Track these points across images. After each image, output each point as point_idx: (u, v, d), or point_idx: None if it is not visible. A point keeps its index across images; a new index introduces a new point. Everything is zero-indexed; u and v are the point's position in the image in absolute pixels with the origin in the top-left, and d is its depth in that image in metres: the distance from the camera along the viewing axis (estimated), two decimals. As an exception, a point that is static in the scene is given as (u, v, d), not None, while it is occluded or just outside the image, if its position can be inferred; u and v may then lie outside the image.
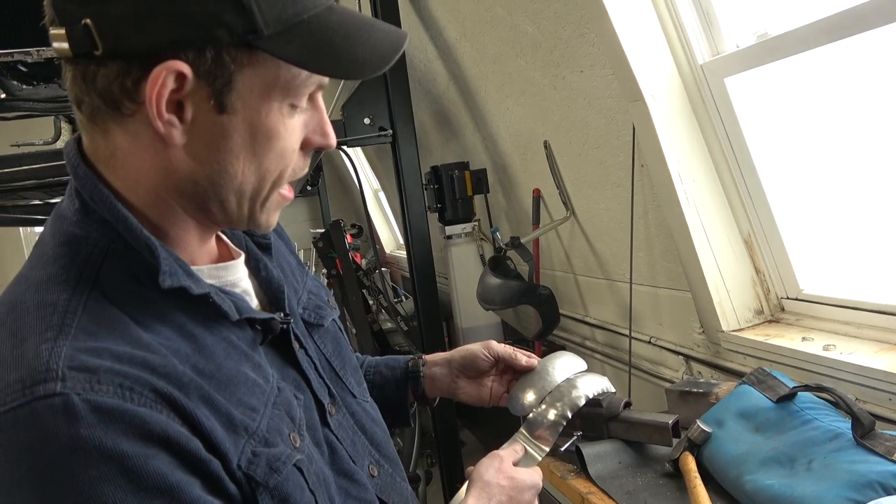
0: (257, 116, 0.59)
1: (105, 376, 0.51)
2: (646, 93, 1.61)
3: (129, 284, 0.59)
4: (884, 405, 1.28)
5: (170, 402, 0.54)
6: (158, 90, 0.55)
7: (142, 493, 0.50)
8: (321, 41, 0.58)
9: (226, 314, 0.63)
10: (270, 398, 0.64)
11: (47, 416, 0.48)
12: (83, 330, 0.54)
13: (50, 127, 3.54)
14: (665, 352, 2.02)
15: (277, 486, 0.60)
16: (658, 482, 1.30)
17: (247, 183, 0.62)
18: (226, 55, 0.56)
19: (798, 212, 1.61)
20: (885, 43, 1.24)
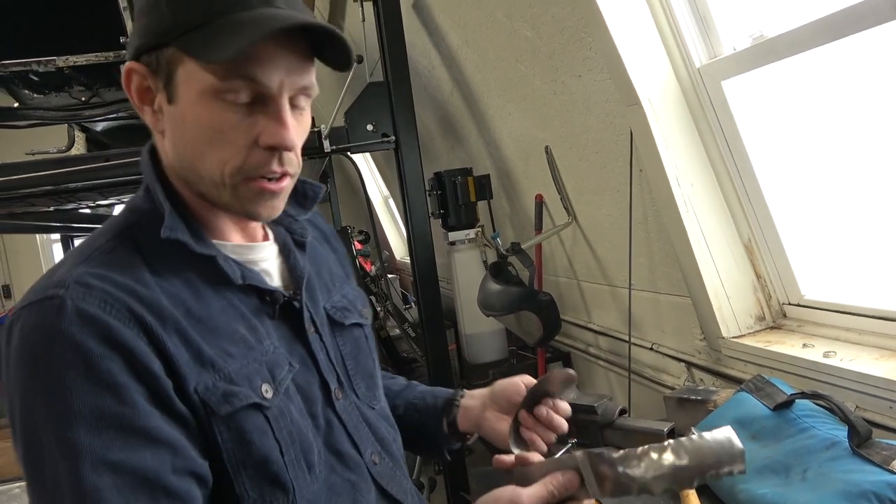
0: (195, 107, 0.71)
1: (95, 292, 0.67)
2: (642, 97, 1.60)
3: (157, 244, 0.74)
4: (884, 413, 1.26)
5: (141, 323, 0.68)
6: (126, 84, 0.74)
7: (93, 383, 0.64)
8: (212, 35, 0.68)
9: (229, 277, 0.76)
10: (255, 354, 0.75)
11: (47, 310, 0.66)
12: (101, 263, 0.71)
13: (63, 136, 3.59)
14: (667, 358, 2.00)
15: (231, 418, 0.71)
16: (652, 491, 1.28)
17: (207, 169, 0.73)
18: (163, 54, 0.71)
19: (799, 216, 1.58)
20: (884, 43, 1.22)
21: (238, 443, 0.71)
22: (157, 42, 0.71)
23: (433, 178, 2.87)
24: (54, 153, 3.53)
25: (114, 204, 4.36)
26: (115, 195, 3.50)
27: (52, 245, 7.37)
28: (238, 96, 0.70)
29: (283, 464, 0.74)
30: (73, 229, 5.72)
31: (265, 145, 0.72)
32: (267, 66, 0.70)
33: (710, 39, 1.56)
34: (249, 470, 0.72)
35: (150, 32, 0.71)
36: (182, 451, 0.67)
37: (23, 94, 2.96)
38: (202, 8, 0.69)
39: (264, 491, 0.73)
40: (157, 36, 0.70)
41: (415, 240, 2.55)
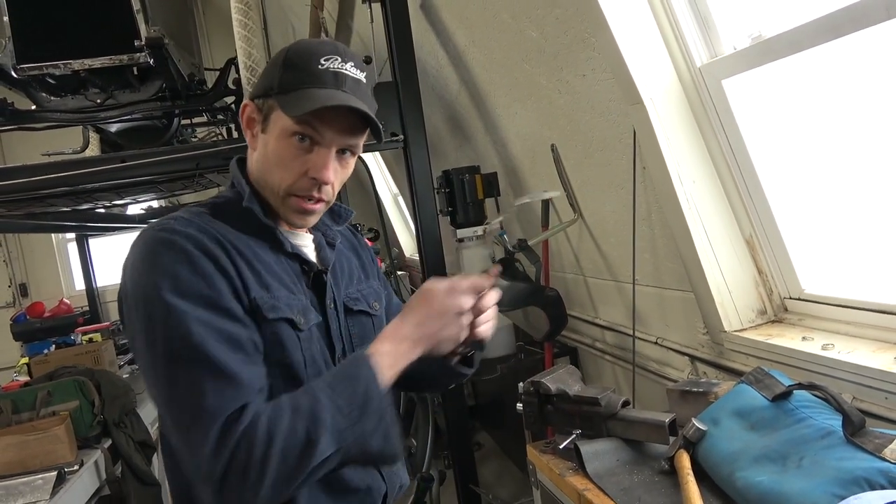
0: (274, 140, 1.05)
1: (194, 225, 1.00)
2: (645, 96, 1.63)
3: (233, 217, 1.06)
4: (880, 403, 1.29)
5: (223, 247, 0.99)
6: (242, 114, 1.10)
7: (194, 273, 0.95)
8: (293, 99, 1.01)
9: (282, 245, 1.08)
10: (295, 296, 1.05)
11: (163, 230, 0.98)
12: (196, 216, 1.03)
13: (77, 137, 3.66)
14: (671, 352, 2.03)
15: (274, 324, 1.00)
16: (654, 479, 1.32)
17: (272, 181, 1.06)
18: (266, 101, 1.05)
19: (799, 212, 1.61)
20: (882, 41, 1.25)
21: (274, 345, 1.00)
22: (267, 93, 1.05)
23: (441, 176, 2.91)
24: (70, 154, 3.60)
25: (129, 203, 4.44)
26: (131, 195, 3.57)
27: (66, 244, 7.48)
28: (302, 139, 1.03)
29: (305, 373, 1.02)
30: (88, 229, 5.81)
31: (310, 176, 1.04)
32: (324, 125, 1.03)
33: (710, 39, 1.59)
34: (281, 368, 1.00)
35: (264, 86, 1.05)
36: (250, 326, 0.97)
37: (40, 96, 3.03)
38: (297, 80, 1.03)
39: (286, 386, 0.98)
40: (268, 89, 1.04)
41: (424, 237, 2.60)
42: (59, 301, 6.50)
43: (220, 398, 0.90)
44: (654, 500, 1.24)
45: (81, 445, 2.29)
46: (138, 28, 2.66)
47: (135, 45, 2.65)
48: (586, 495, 1.30)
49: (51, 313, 6.27)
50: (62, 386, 2.35)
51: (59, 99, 3.03)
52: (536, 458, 1.54)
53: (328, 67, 1.03)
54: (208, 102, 3.21)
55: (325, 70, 1.02)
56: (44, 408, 2.30)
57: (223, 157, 2.66)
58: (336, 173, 1.06)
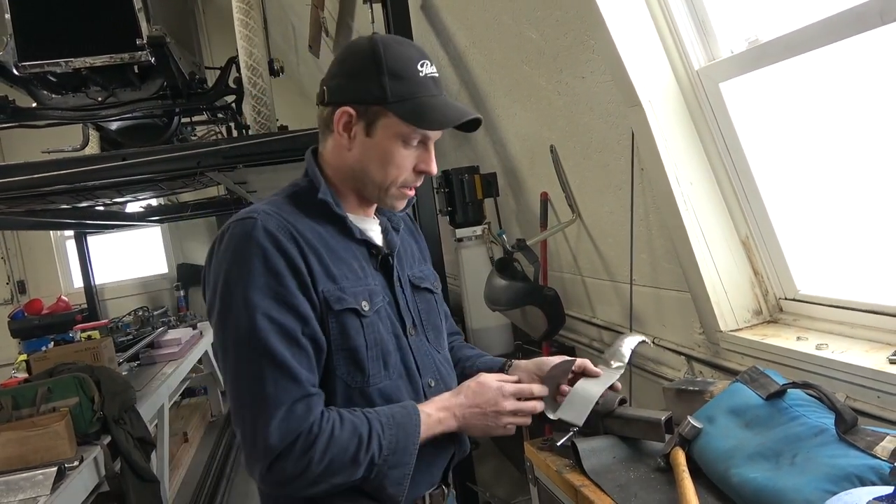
0: (384, 143, 1.13)
1: (273, 218, 1.09)
2: (643, 98, 1.65)
3: (308, 205, 1.16)
4: (872, 402, 1.31)
5: (297, 243, 1.09)
6: (338, 119, 1.14)
7: (267, 268, 1.06)
8: (418, 110, 1.10)
9: (352, 233, 1.18)
10: (362, 283, 1.16)
11: (246, 224, 1.08)
12: (276, 207, 1.13)
13: (77, 135, 3.67)
14: (668, 352, 2.05)
15: (340, 314, 1.11)
16: (650, 476, 1.33)
17: (376, 178, 1.16)
18: (371, 108, 1.11)
19: (794, 214, 1.63)
20: (873, 46, 1.27)
21: (340, 333, 1.11)
22: (372, 100, 1.10)
23: (441, 176, 2.93)
24: (69, 151, 3.61)
25: (128, 201, 4.45)
26: (131, 193, 3.58)
27: (65, 242, 7.48)
28: (415, 142, 1.14)
29: (366, 355, 1.13)
30: (87, 226, 5.82)
31: (419, 170, 1.17)
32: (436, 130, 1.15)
33: (708, 43, 1.61)
34: (344, 353, 1.11)
35: (366, 92, 1.11)
36: (310, 323, 1.08)
37: (41, 94, 3.04)
38: (408, 90, 1.10)
39: (349, 370, 1.12)
40: (375, 98, 1.10)
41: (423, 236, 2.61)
42: (58, 298, 6.50)
43: (278, 388, 1.03)
44: (651, 496, 1.26)
45: (81, 442, 2.31)
46: (139, 26, 2.68)
47: (136, 43, 2.67)
48: (583, 492, 1.32)
49: (49, 310, 6.27)
50: (62, 382, 2.37)
51: (60, 97, 3.04)
52: (534, 455, 1.56)
53: (427, 74, 1.12)
54: (209, 101, 3.22)
55: (426, 77, 1.12)
56: (44, 404, 2.32)
57: (223, 156, 2.67)
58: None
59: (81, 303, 6.73)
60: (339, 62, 1.16)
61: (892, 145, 1.37)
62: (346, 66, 1.14)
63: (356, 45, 1.15)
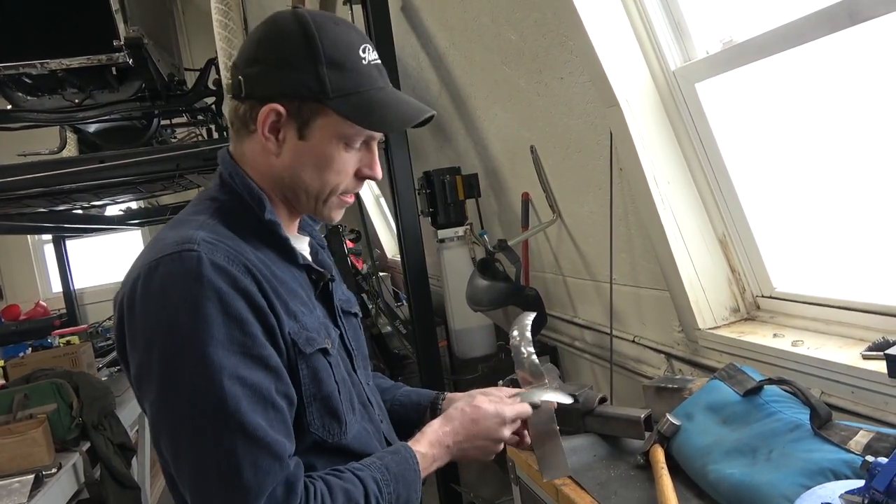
0: (322, 146, 0.95)
1: (220, 249, 0.87)
2: (621, 98, 1.67)
3: (240, 226, 0.94)
4: (846, 397, 1.33)
5: (253, 277, 0.88)
6: (263, 119, 0.93)
7: (227, 317, 0.83)
8: (365, 107, 0.93)
9: (296, 257, 0.99)
10: (315, 315, 0.98)
11: (187, 259, 0.84)
12: (213, 231, 0.90)
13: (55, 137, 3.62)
14: (648, 350, 2.07)
15: (311, 357, 0.93)
16: (630, 474, 1.35)
17: (311, 187, 0.97)
18: (307, 105, 0.92)
19: (770, 212, 1.65)
20: (846, 47, 1.29)
21: (313, 379, 0.93)
22: (304, 95, 0.92)
23: (422, 178, 2.93)
24: (46, 154, 3.56)
25: (107, 204, 4.40)
26: (109, 196, 3.54)
27: (43, 246, 7.38)
28: (358, 143, 0.97)
29: (339, 401, 0.96)
30: (65, 230, 5.74)
31: (362, 176, 1.00)
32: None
33: (684, 44, 1.63)
34: (318, 403, 0.93)
35: (299, 86, 0.91)
36: (283, 377, 0.88)
37: (16, 96, 2.99)
38: (351, 82, 0.93)
39: (325, 421, 0.94)
40: (309, 92, 0.91)
41: (405, 238, 2.61)
42: (36, 303, 6.42)
43: (257, 472, 0.82)
44: (630, 493, 1.27)
45: (60, 448, 2.27)
46: (117, 28, 2.65)
47: (113, 44, 2.64)
48: (564, 490, 1.33)
49: (27, 316, 6.19)
50: (39, 388, 2.33)
51: (37, 98, 2.99)
52: (516, 455, 1.56)
53: (371, 62, 0.95)
54: (188, 103, 3.19)
55: (370, 66, 0.95)
56: (21, 410, 2.28)
57: (203, 158, 2.65)
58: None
59: (60, 308, 6.64)
60: (259, 43, 0.95)
61: (865, 144, 1.40)
62: (269, 49, 0.93)
63: (280, 24, 0.94)
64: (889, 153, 1.35)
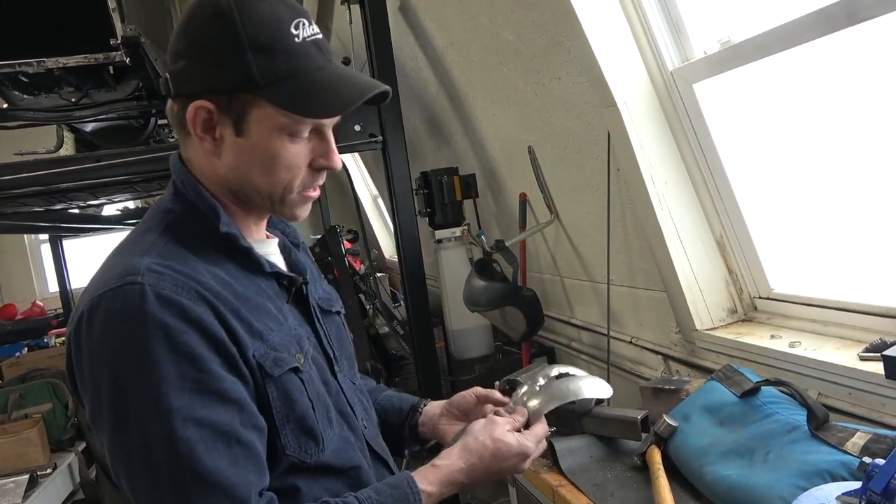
0: (263, 142, 0.85)
1: (167, 278, 0.79)
2: (618, 99, 1.66)
3: (196, 240, 0.87)
4: (844, 399, 1.33)
5: (208, 302, 0.81)
6: (193, 118, 0.85)
7: (176, 353, 0.77)
8: (302, 92, 0.83)
9: (261, 266, 0.91)
10: (286, 329, 0.90)
11: (129, 294, 0.78)
12: (160, 255, 0.83)
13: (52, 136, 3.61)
14: (645, 351, 2.06)
15: (280, 379, 0.86)
16: (626, 475, 1.34)
17: (261, 187, 0.89)
18: (237, 98, 0.83)
19: (767, 213, 1.65)
20: (842, 48, 1.29)
21: (284, 400, 0.86)
22: (232, 86, 0.83)
23: (420, 178, 2.93)
24: (43, 153, 3.55)
25: (104, 204, 4.38)
26: (106, 195, 3.53)
27: (40, 245, 7.35)
28: (305, 132, 0.87)
29: (315, 418, 0.89)
30: (62, 229, 5.73)
31: (318, 167, 0.90)
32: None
33: (682, 44, 1.63)
34: (292, 424, 0.87)
35: (224, 77, 0.83)
36: (247, 407, 0.82)
37: (12, 95, 2.98)
38: (283, 65, 0.82)
39: (301, 441, 0.88)
40: (236, 82, 0.82)
41: (402, 238, 2.61)
42: (32, 303, 6.39)
43: None
44: (627, 495, 1.27)
45: (55, 448, 2.27)
46: (114, 26, 2.64)
47: (110, 43, 2.63)
48: (560, 491, 1.32)
49: (23, 315, 6.16)
50: (35, 388, 2.33)
51: (33, 97, 2.98)
52: (512, 455, 1.56)
53: (307, 38, 0.84)
54: (185, 102, 3.18)
55: (305, 43, 0.84)
56: (16, 410, 2.27)
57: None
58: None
59: (57, 307, 6.61)
60: (180, 35, 0.86)
61: (862, 145, 1.40)
62: (190, 41, 0.84)
63: (199, 10, 0.84)
64: (887, 154, 1.34)
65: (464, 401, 1.14)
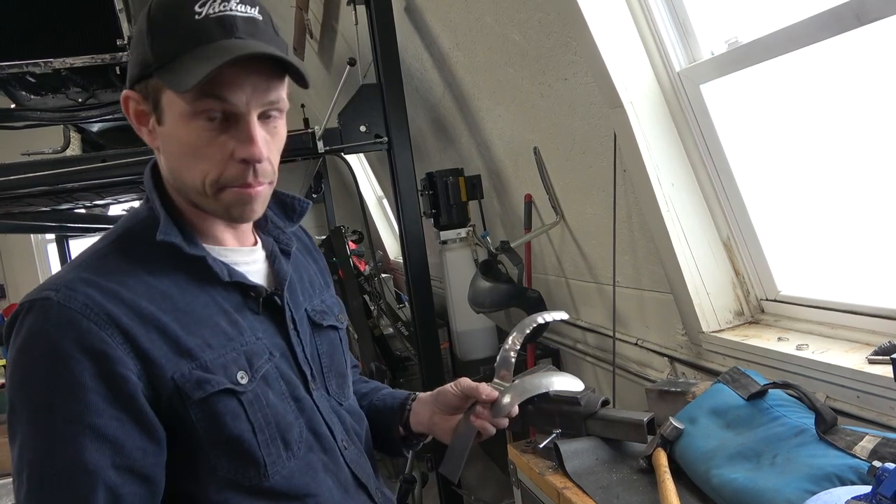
0: (175, 129, 0.82)
1: (79, 296, 0.77)
2: (625, 100, 1.66)
3: (148, 249, 0.84)
4: (852, 402, 1.32)
5: (118, 325, 0.77)
6: (125, 108, 0.86)
7: (55, 379, 0.74)
8: (182, 68, 0.78)
9: (217, 276, 0.86)
10: (234, 344, 0.86)
11: (38, 308, 0.77)
12: (93, 268, 0.81)
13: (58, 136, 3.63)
14: (651, 353, 2.05)
15: (204, 402, 0.81)
16: (632, 477, 1.33)
17: (191, 180, 0.84)
18: (150, 83, 0.82)
19: (775, 215, 1.64)
20: (850, 49, 1.28)
21: (211, 423, 0.82)
22: (144, 73, 0.82)
23: (425, 179, 2.92)
24: (50, 153, 3.57)
25: (110, 204, 4.40)
26: (112, 195, 3.54)
27: (46, 245, 7.39)
28: (211, 115, 0.80)
29: (256, 442, 0.85)
30: (68, 229, 5.75)
31: (238, 159, 0.82)
32: (232, 87, 0.79)
33: (689, 44, 1.62)
34: (223, 446, 0.83)
35: (138, 64, 0.82)
36: (125, 450, 0.77)
37: (20, 95, 3.00)
38: (174, 44, 0.79)
39: (237, 465, 0.84)
40: (144, 67, 0.81)
41: (407, 239, 2.61)
42: (38, 303, 6.40)
43: None
44: (632, 497, 1.26)
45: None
46: (120, 27, 2.65)
47: (117, 44, 2.64)
48: (566, 494, 1.32)
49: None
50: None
51: (40, 97, 3.00)
52: (517, 457, 1.55)
53: (207, 14, 0.78)
54: (191, 103, 3.19)
55: (204, 19, 0.78)
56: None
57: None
58: (267, 144, 0.84)
59: (63, 307, 6.64)
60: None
61: (871, 147, 1.39)
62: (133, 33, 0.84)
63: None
64: (894, 155, 1.33)
65: (448, 397, 1.09)
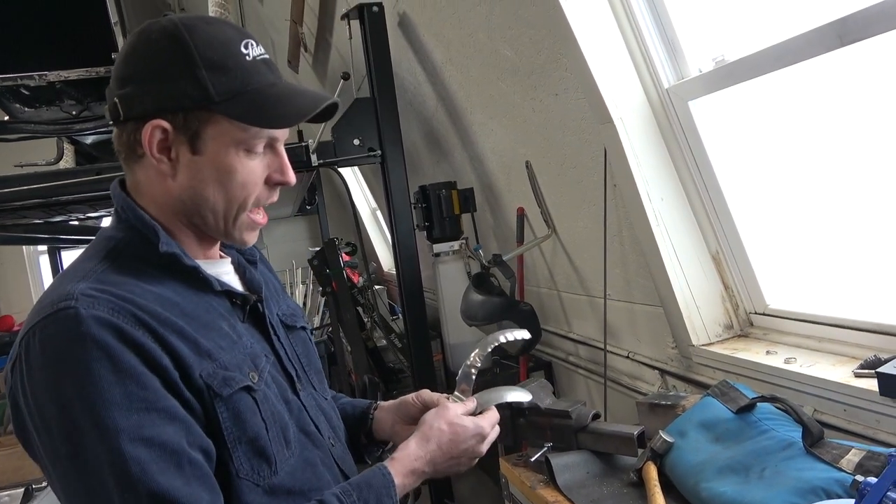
0: (220, 158, 0.88)
1: (102, 301, 0.79)
2: (614, 115, 1.68)
3: (139, 264, 0.88)
4: (839, 415, 1.33)
5: (145, 325, 0.80)
6: (149, 139, 0.86)
7: (118, 373, 0.76)
8: (258, 105, 0.87)
9: (210, 284, 0.92)
10: (239, 347, 0.91)
11: (64, 319, 0.77)
12: (98, 280, 0.83)
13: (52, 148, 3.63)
14: (642, 366, 2.07)
15: (230, 399, 0.85)
16: (623, 491, 1.34)
17: (217, 204, 0.90)
18: (192, 115, 0.86)
19: (762, 229, 1.66)
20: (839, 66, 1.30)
21: (235, 421, 0.86)
22: (187, 104, 0.85)
23: (418, 192, 2.94)
24: (43, 165, 3.57)
25: (102, 216, 4.40)
26: (105, 208, 3.54)
27: (38, 257, 7.36)
28: (260, 147, 0.90)
29: (268, 439, 0.88)
30: (60, 241, 5.73)
31: (275, 182, 0.93)
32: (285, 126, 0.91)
33: (677, 62, 1.64)
34: (244, 445, 0.86)
35: (180, 96, 0.85)
36: (193, 428, 0.81)
37: (14, 107, 3.00)
38: (237, 82, 0.86)
39: (254, 463, 0.87)
40: (192, 100, 0.85)
41: (400, 251, 2.62)
42: (30, 314, 6.37)
43: None
44: (622, 511, 1.27)
45: (50, 461, 2.25)
46: (115, 40, 2.67)
47: (112, 56, 2.65)
48: (556, 507, 1.32)
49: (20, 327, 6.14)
50: (31, 401, 2.32)
51: (34, 110, 3.01)
52: (509, 470, 1.56)
53: (256, 57, 0.89)
54: (185, 115, 3.20)
55: (256, 62, 0.88)
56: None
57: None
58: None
59: (54, 319, 6.61)
60: (127, 59, 0.87)
61: (857, 162, 1.41)
62: (140, 63, 0.86)
63: (147, 34, 0.87)
64: (881, 171, 1.36)
65: (409, 408, 1.14)
